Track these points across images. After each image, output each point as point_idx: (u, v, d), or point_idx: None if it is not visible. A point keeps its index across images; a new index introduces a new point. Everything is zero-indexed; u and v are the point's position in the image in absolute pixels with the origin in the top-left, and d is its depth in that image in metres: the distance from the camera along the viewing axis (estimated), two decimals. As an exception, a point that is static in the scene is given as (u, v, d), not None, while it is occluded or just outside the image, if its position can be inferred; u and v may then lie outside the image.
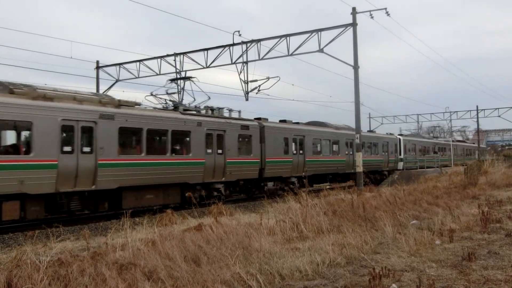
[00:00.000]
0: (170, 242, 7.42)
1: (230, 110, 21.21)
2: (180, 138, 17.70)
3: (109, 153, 14.42)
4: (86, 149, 13.96)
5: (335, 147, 27.64)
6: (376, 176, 32.25)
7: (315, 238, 8.58)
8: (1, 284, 5.34)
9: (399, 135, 39.31)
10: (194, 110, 19.38)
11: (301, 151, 23.87)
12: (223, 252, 6.92)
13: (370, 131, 34.69)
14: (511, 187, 20.67)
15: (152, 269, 5.94)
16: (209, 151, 18.25)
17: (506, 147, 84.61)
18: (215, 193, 18.32)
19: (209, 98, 21.24)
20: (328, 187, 23.08)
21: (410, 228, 9.19)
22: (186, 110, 18.83)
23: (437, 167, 39.23)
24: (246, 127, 20.31)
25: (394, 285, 5.53)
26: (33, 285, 5.29)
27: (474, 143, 69.94)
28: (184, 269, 5.96)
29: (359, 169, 22.30)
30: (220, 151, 18.66)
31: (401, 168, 36.27)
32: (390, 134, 38.30)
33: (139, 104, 16.76)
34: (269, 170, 21.25)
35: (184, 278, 5.67)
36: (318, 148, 26.21)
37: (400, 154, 36.90)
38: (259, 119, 22.37)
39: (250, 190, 21.34)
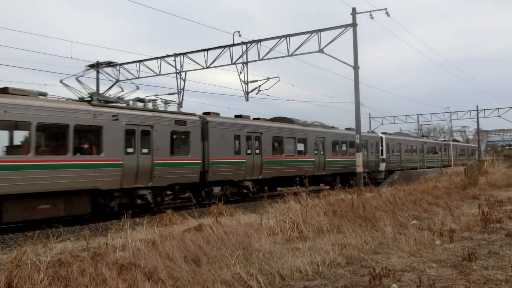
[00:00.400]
0: (170, 242, 7.43)
1: (166, 102, 18.29)
2: (88, 135, 14.83)
3: None
4: None
5: (301, 146, 24.71)
6: (353, 178, 28.29)
7: (315, 238, 8.58)
8: (1, 284, 5.35)
9: (382, 133, 35.28)
10: (114, 102, 16.26)
11: (257, 151, 20.99)
12: (223, 252, 6.92)
13: (348, 128, 30.73)
14: (511, 187, 20.67)
15: (152, 269, 5.94)
16: (130, 150, 15.37)
17: (506, 147, 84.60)
18: (139, 201, 15.69)
19: (138, 88, 18.62)
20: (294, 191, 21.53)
21: (410, 228, 9.19)
22: (107, 102, 15.93)
23: (422, 169, 37.65)
24: (182, 122, 17.23)
25: (394, 285, 5.53)
26: (33, 285, 5.29)
27: (468, 142, 69.27)
28: (185, 269, 5.96)
29: (359, 169, 22.29)
30: (146, 150, 15.72)
31: (383, 169, 33.43)
32: (372, 132, 35.43)
33: (44, 95, 13.81)
34: (214, 173, 18.33)
35: (185, 279, 5.67)
36: (280, 147, 23.09)
37: (382, 154, 33.43)
38: (207, 113, 19.77)
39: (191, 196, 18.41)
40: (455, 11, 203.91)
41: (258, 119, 22.76)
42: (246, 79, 24.81)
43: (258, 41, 23.83)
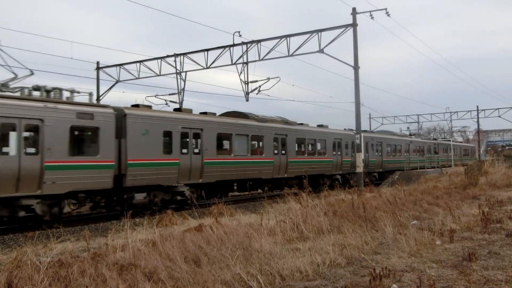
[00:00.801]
0: (171, 242, 7.43)
1: (73, 92, 15.08)
2: None
3: None
4: None
5: (256, 145, 22.12)
6: (324, 180, 26.35)
7: (315, 239, 8.58)
8: (1, 285, 5.35)
9: (362, 131, 31.27)
10: None
11: (197, 150, 18.27)
12: (224, 252, 6.92)
13: (320, 125, 28.34)
14: (511, 187, 20.66)
15: (152, 269, 5.94)
16: (5, 150, 12.91)
17: (507, 147, 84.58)
18: (22, 213, 12.74)
19: (32, 73, 15.46)
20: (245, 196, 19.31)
21: (410, 229, 9.19)
22: None
23: (403, 170, 34.64)
24: (88, 115, 14.13)
25: (394, 285, 5.53)
26: (33, 286, 5.30)
27: (468, 142, 68.01)
28: (185, 269, 5.96)
29: (359, 169, 22.28)
30: (32, 150, 13.02)
31: (360, 170, 29.21)
32: (349, 130, 30.87)
33: None
34: (134, 177, 15.38)
35: (185, 279, 5.67)
36: (228, 146, 20.41)
37: None
38: (136, 105, 17.10)
39: (104, 204, 15.49)
40: (455, 11, 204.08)
41: (205, 113, 19.95)
42: (246, 79, 24.84)
43: (258, 41, 23.84)
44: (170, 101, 26.55)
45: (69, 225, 13.23)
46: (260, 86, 25.35)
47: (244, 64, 24.54)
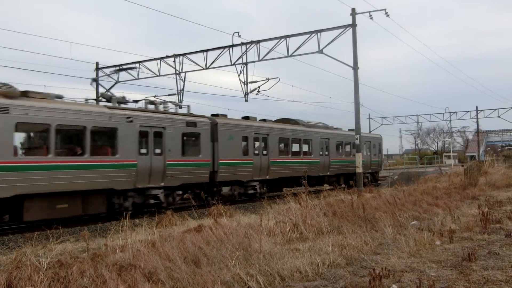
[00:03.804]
0: (170, 243, 7.43)
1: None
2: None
3: None
4: None
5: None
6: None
7: (315, 239, 8.58)
8: (1, 285, 5.35)
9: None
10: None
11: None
12: (223, 253, 6.92)
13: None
14: (511, 187, 20.67)
15: (152, 270, 5.94)
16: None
17: (506, 148, 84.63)
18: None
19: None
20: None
21: (410, 229, 9.19)
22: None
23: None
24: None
25: (394, 285, 5.53)
26: (33, 286, 5.29)
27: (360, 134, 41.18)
28: (184, 270, 5.95)
29: (359, 169, 22.29)
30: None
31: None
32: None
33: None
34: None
35: (184, 279, 5.67)
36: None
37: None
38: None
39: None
40: (455, 11, 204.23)
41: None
42: (245, 80, 24.88)
43: (258, 41, 23.86)
44: (170, 102, 26.51)
45: (69, 226, 13.22)
46: (259, 87, 25.42)
47: (244, 65, 24.57)
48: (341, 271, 6.34)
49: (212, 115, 19.73)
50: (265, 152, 21.21)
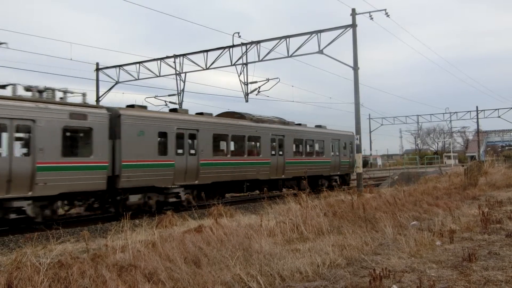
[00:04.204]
0: (170, 243, 7.43)
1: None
2: None
3: None
4: None
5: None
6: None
7: (315, 239, 8.58)
8: (1, 286, 5.35)
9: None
10: None
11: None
12: (224, 253, 6.92)
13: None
14: (511, 187, 20.67)
15: (152, 270, 5.94)
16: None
17: (506, 148, 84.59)
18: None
19: None
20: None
21: (410, 229, 9.19)
22: None
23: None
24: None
25: (394, 286, 5.53)
26: (33, 287, 5.29)
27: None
28: (185, 270, 5.95)
29: (359, 170, 22.28)
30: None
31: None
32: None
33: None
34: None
35: (185, 280, 5.67)
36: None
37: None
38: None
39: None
40: (455, 11, 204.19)
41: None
42: (246, 80, 24.86)
43: (258, 42, 23.86)
44: (170, 102, 26.57)
45: (69, 226, 13.22)
46: (259, 87, 25.39)
47: (244, 65, 24.57)
48: (341, 271, 6.34)
49: (128, 106, 16.52)
50: (193, 151, 17.78)
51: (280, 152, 22.36)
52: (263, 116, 22.53)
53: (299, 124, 25.42)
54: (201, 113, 19.34)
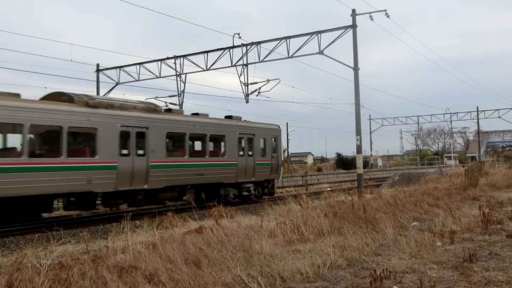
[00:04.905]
0: (171, 244, 7.42)
1: None
2: None
3: None
4: None
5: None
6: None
7: (316, 240, 8.57)
8: (2, 287, 5.35)
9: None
10: None
11: None
12: (224, 254, 6.91)
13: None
14: (511, 188, 20.65)
15: (153, 272, 5.94)
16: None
17: (507, 148, 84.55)
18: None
19: None
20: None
21: (411, 230, 9.18)
22: None
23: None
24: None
25: (395, 287, 5.52)
26: (34, 288, 5.29)
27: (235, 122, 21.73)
28: (185, 271, 5.95)
29: (360, 170, 22.28)
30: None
31: None
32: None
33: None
34: None
35: (185, 281, 5.67)
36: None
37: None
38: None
39: None
40: (455, 12, 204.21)
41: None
42: (246, 81, 24.86)
43: (258, 43, 23.87)
44: (170, 103, 26.57)
45: (69, 228, 13.22)
46: (260, 88, 25.39)
47: (244, 66, 24.57)
48: (342, 272, 6.33)
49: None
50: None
51: (141, 152, 15.97)
52: (113, 100, 16.28)
53: (182, 113, 19.13)
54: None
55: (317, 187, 31.86)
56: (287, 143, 53.58)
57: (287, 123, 54.35)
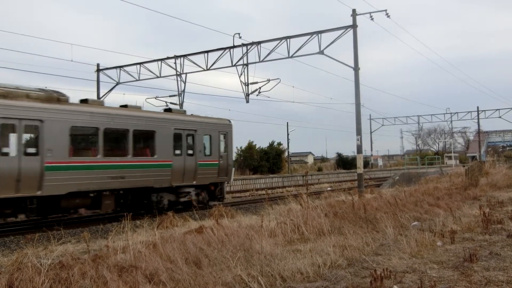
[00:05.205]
0: (171, 244, 7.43)
1: None
2: None
3: None
4: None
5: None
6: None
7: (316, 240, 8.57)
8: (2, 287, 5.35)
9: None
10: None
11: None
12: (224, 254, 6.92)
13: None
14: (512, 188, 20.64)
15: (153, 271, 5.94)
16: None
17: (507, 148, 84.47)
18: None
19: None
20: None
21: (411, 230, 9.18)
22: None
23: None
24: None
25: (395, 286, 5.52)
26: (34, 288, 5.29)
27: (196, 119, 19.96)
28: (185, 271, 5.95)
29: (360, 170, 22.26)
30: None
31: None
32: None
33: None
34: None
35: (186, 281, 5.67)
36: None
37: None
38: None
39: None
40: (455, 11, 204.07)
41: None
42: (246, 81, 24.84)
43: (259, 43, 23.86)
44: (171, 103, 26.57)
45: (70, 227, 13.23)
46: (260, 88, 25.34)
47: (244, 66, 24.55)
48: (342, 272, 6.33)
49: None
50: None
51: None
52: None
53: (103, 104, 16.25)
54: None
55: (318, 186, 31.88)
56: (288, 143, 53.62)
57: (287, 123, 54.29)
